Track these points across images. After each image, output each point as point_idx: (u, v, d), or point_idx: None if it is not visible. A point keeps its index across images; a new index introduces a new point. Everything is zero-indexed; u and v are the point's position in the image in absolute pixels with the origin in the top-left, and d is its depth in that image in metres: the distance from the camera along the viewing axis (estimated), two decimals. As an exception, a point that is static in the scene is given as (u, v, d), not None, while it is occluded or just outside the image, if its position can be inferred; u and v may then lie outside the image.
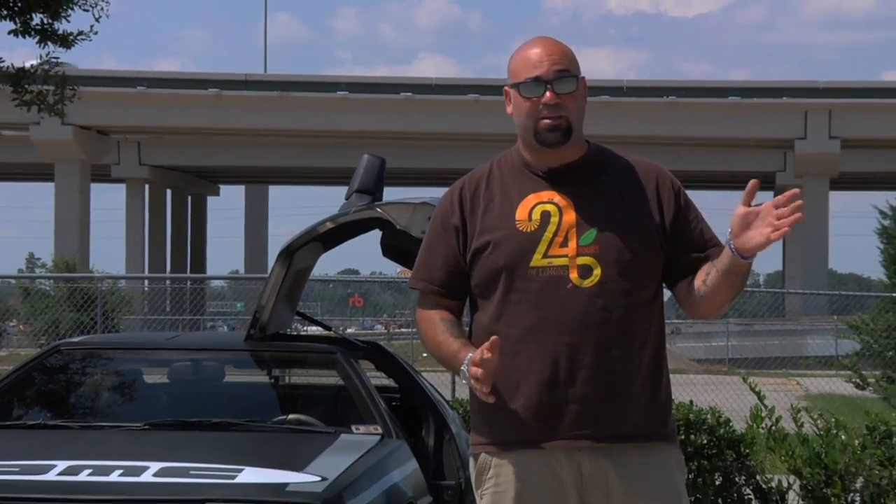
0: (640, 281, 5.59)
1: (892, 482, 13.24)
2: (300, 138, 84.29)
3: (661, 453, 5.59)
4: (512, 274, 5.54)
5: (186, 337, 15.33)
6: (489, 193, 5.69)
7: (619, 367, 5.52)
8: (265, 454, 9.44)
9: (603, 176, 5.66)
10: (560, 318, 5.49)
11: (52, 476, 9.01)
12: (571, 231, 5.53)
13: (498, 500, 5.60)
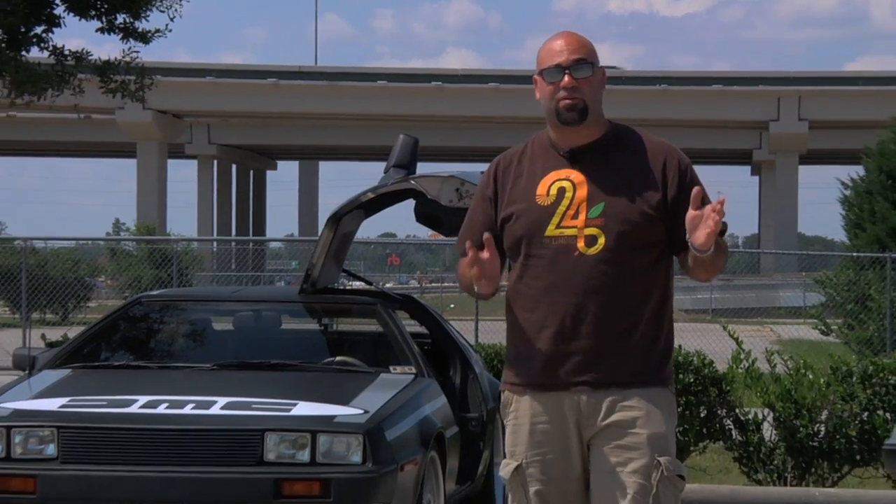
0: (640, 249, 5.60)
1: (852, 414, 13.23)
2: (346, 121, 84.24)
3: (653, 396, 5.61)
4: (530, 242, 5.60)
5: (248, 290, 15.35)
6: (519, 169, 5.73)
7: (619, 323, 5.57)
8: (316, 391, 9.46)
9: (617, 154, 5.68)
10: (568, 281, 5.54)
11: (135, 409, 9.05)
12: (582, 205, 5.57)
13: (516, 430, 5.67)
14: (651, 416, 5.58)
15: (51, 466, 8.81)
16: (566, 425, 5.60)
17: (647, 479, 5.51)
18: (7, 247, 46.96)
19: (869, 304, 32.70)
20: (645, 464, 5.52)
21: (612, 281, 5.55)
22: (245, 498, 8.69)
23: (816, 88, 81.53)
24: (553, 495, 5.61)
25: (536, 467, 5.61)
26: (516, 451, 5.66)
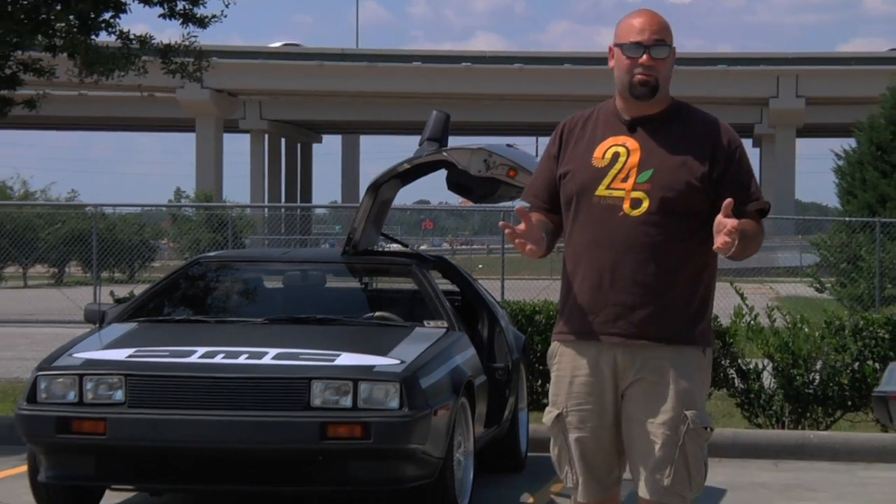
0: (682, 216, 5.58)
1: (844, 364, 13.21)
2: (383, 98, 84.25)
3: (683, 354, 5.60)
4: (580, 199, 5.60)
5: (296, 252, 15.38)
6: (582, 132, 5.72)
7: (653, 281, 5.54)
8: (357, 343, 9.48)
9: (672, 128, 5.67)
10: (610, 238, 5.53)
11: (194, 359, 9.08)
12: (633, 170, 5.56)
13: (558, 381, 5.69)
14: (680, 372, 5.58)
15: (118, 411, 8.86)
16: (603, 378, 5.59)
17: (675, 430, 5.53)
18: (79, 213, 47.12)
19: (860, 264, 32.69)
20: (673, 417, 5.53)
21: (651, 241, 5.54)
22: (293, 440, 8.72)
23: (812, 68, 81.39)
24: (589, 442, 5.60)
25: (575, 416, 5.61)
26: (557, 400, 5.68)
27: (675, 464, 5.53)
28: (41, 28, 13.04)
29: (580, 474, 5.65)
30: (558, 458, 5.73)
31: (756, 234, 5.66)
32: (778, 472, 11.78)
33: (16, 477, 10.34)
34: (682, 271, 5.61)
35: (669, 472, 5.53)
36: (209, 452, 8.83)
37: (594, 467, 5.63)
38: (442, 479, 9.08)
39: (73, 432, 8.88)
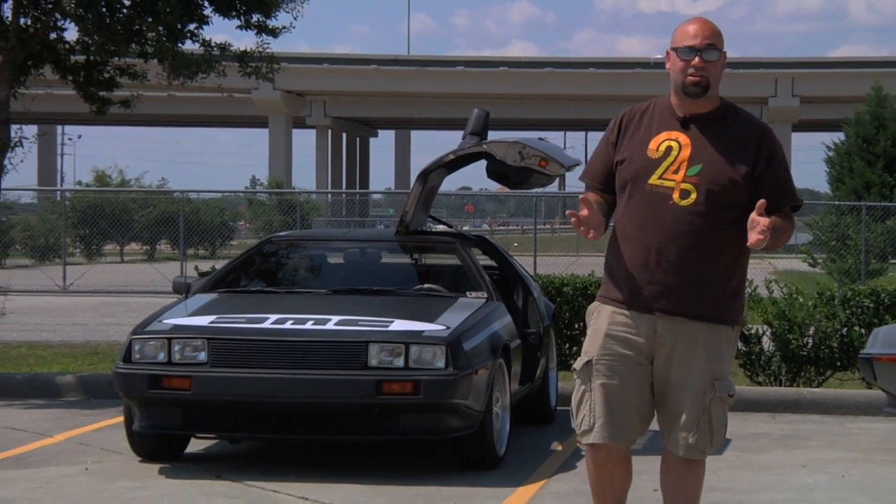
0: (723, 208, 5.57)
1: (833, 330, 13.16)
2: (431, 98, 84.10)
3: (717, 331, 5.62)
4: (635, 185, 5.60)
5: (355, 232, 15.38)
6: (640, 124, 5.72)
7: (695, 265, 5.55)
8: (408, 311, 9.47)
9: (722, 127, 5.67)
10: (659, 223, 5.55)
11: (267, 325, 9.11)
12: (683, 164, 5.57)
13: (594, 333, 5.66)
14: (711, 346, 5.60)
15: (202, 369, 8.90)
16: (638, 339, 5.58)
17: (703, 397, 5.55)
18: (168, 198, 47.29)
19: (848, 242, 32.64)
20: (702, 385, 5.55)
21: (696, 229, 5.54)
22: (352, 395, 8.73)
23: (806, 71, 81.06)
24: (613, 391, 5.56)
25: (604, 364, 5.58)
26: (590, 349, 5.65)
27: (700, 425, 5.57)
28: (135, 37, 13.07)
29: (598, 417, 5.60)
30: (578, 403, 5.68)
31: (786, 228, 5.68)
32: (775, 423, 11.76)
33: (114, 426, 10.39)
34: (721, 257, 5.61)
35: (695, 432, 5.56)
36: (280, 406, 8.87)
37: (613, 414, 5.57)
38: (482, 429, 9.07)
39: (163, 388, 8.94)
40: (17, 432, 10.81)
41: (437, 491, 8.44)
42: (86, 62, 13.58)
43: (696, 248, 5.56)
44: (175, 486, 8.64)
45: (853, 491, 8.76)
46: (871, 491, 8.77)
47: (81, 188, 57.81)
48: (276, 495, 8.32)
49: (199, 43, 13.62)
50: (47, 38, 13.32)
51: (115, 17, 12.93)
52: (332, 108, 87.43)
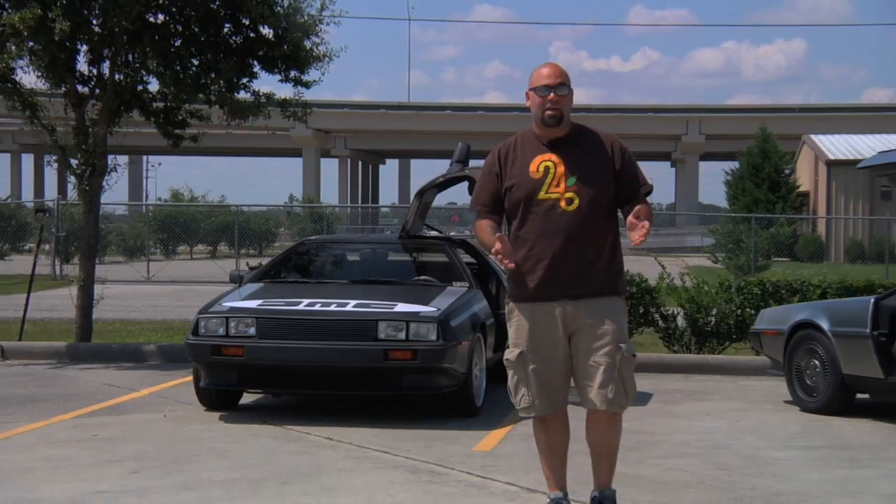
0: (601, 207, 5.47)
1: (730, 311, 13.19)
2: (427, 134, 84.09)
3: (612, 302, 5.51)
4: (528, 202, 5.46)
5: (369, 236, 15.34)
6: (514, 154, 5.59)
7: (588, 255, 5.44)
8: (409, 296, 9.46)
9: (581, 143, 5.54)
10: (554, 227, 5.41)
11: (301, 307, 9.10)
12: (562, 178, 5.43)
13: (519, 328, 5.54)
14: (612, 315, 5.48)
15: (252, 341, 8.90)
16: (555, 324, 5.46)
17: (613, 358, 5.42)
18: (226, 210, 47.38)
19: (741, 244, 32.81)
20: (611, 348, 5.43)
21: (584, 228, 5.42)
22: (366, 360, 8.73)
23: (710, 115, 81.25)
24: (543, 373, 5.47)
25: (532, 353, 5.48)
26: (519, 342, 5.52)
27: (615, 382, 5.42)
28: (201, 89, 13.09)
29: (536, 396, 5.49)
30: (515, 386, 5.55)
31: (650, 212, 5.52)
32: (687, 382, 11.77)
33: (185, 384, 10.40)
34: (604, 244, 5.51)
35: (612, 389, 5.42)
36: (311, 368, 8.85)
37: (548, 389, 5.49)
38: (465, 387, 9.10)
39: (223, 355, 8.95)
40: (113, 388, 10.86)
41: (430, 433, 8.45)
42: (164, 107, 13.61)
43: (586, 242, 5.45)
44: (232, 428, 8.65)
45: (745, 432, 8.78)
46: (758, 432, 8.79)
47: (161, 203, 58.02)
48: (308, 436, 8.32)
49: (251, 93, 13.65)
50: (135, 89, 13.35)
51: (187, 73, 12.97)
52: (351, 142, 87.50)
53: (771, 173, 50.67)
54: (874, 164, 10.94)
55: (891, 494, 6.63)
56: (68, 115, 13.43)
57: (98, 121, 13.23)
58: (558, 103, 5.46)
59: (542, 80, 5.50)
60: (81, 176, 13.26)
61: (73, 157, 13.33)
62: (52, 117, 13.50)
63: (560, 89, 5.46)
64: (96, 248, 14.27)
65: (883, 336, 9.44)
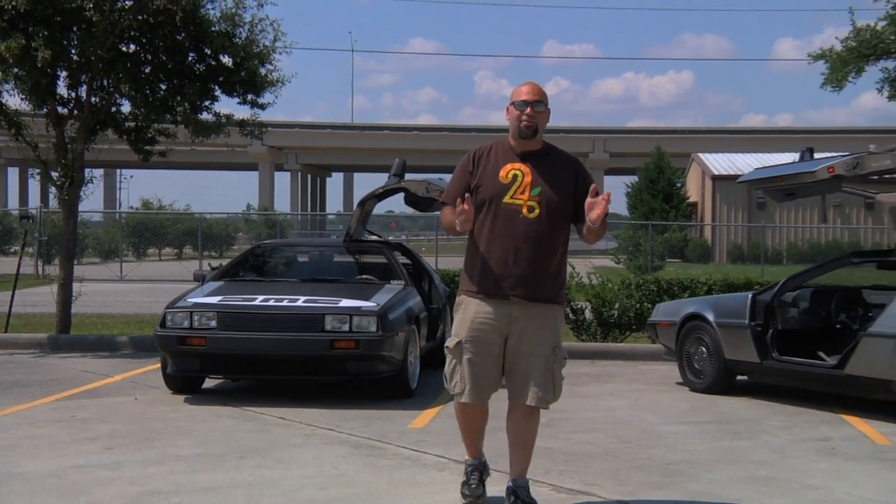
0: (558, 219, 5.33)
1: (631, 305, 13.29)
2: (367, 151, 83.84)
3: (555, 310, 5.36)
4: (492, 204, 5.29)
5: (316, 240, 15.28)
6: (488, 159, 5.40)
7: (541, 261, 5.28)
8: (352, 293, 9.42)
9: (549, 159, 5.42)
10: (513, 231, 5.25)
11: (257, 302, 9.01)
12: (527, 187, 5.29)
13: (463, 319, 5.35)
14: (553, 322, 5.35)
15: (213, 333, 8.81)
16: (499, 322, 5.28)
17: (548, 360, 5.27)
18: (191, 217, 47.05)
19: (640, 247, 33.06)
20: (548, 351, 5.28)
21: (540, 235, 5.27)
22: (314, 349, 8.68)
23: (612, 136, 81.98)
24: (477, 364, 5.27)
25: (470, 344, 5.30)
26: (460, 332, 5.35)
27: (546, 382, 5.27)
28: (168, 111, 13.00)
29: (467, 384, 5.28)
30: (451, 372, 5.35)
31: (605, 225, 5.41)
32: (593, 366, 11.84)
33: (154, 370, 10.30)
34: (556, 254, 5.35)
35: (542, 388, 5.26)
36: (266, 356, 8.77)
37: (479, 379, 5.29)
38: (401, 372, 9.07)
39: (187, 345, 8.85)
40: (89, 374, 10.71)
41: (370, 412, 8.42)
42: (135, 127, 13.51)
43: (541, 249, 5.29)
44: (195, 409, 8.56)
45: (643, 409, 8.84)
46: (654, 409, 8.86)
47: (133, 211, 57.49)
48: (263, 416, 8.26)
49: (212, 114, 13.58)
50: (109, 110, 13.28)
51: (156, 96, 12.90)
52: (301, 157, 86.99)
53: (665, 186, 51.28)
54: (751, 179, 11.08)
55: (764, 461, 6.73)
56: (49, 133, 13.35)
57: (76, 138, 13.16)
58: (534, 118, 5.32)
59: (521, 95, 5.37)
60: (61, 187, 13.19)
61: (54, 171, 13.26)
62: (35, 135, 13.46)
63: (536, 106, 5.34)
64: (74, 250, 14.16)
65: (759, 326, 9.58)
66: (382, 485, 5.99)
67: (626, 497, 5.73)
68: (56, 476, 6.17)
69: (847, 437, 7.63)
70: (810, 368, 9.07)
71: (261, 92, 13.51)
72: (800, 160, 9.35)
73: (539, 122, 5.34)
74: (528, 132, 5.32)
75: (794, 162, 9.40)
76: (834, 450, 7.16)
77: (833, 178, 8.70)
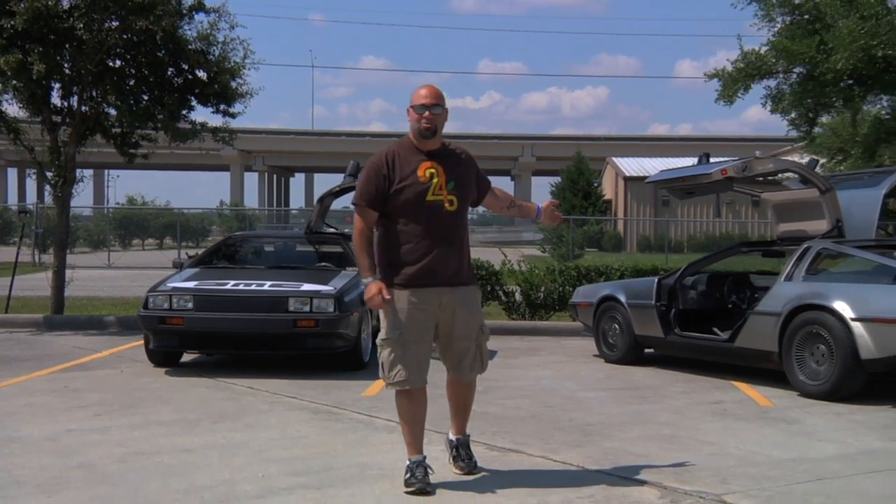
0: (467, 206, 5.15)
1: (555, 288, 13.34)
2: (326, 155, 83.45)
3: (474, 290, 5.17)
4: (416, 202, 4.98)
5: (281, 232, 15.13)
6: (400, 160, 5.06)
7: (462, 248, 5.09)
8: (312, 278, 9.35)
9: (450, 156, 5.14)
10: (439, 224, 4.99)
11: (228, 286, 8.93)
12: (444, 182, 5.01)
13: (399, 310, 5.00)
14: (476, 302, 5.18)
15: (190, 313, 8.73)
16: (431, 309, 5.01)
17: (476, 337, 5.11)
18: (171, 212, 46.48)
19: (563, 238, 33.20)
20: (475, 329, 5.11)
21: (460, 225, 5.08)
22: (280, 328, 8.62)
23: (539, 142, 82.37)
24: (419, 351, 4.97)
25: (411, 334, 4.97)
26: (398, 323, 4.99)
27: (476, 357, 5.13)
28: (150, 118, 12.87)
29: (410, 372, 4.94)
30: (391, 363, 4.97)
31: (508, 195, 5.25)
32: (522, 341, 11.89)
33: (138, 347, 10.18)
34: (467, 240, 5.21)
35: (475, 363, 5.14)
36: (236, 334, 8.69)
37: (420, 367, 5.00)
38: (355, 347, 9.04)
39: (167, 324, 8.76)
40: (81, 350, 10.55)
41: (328, 382, 8.39)
42: (121, 132, 13.36)
43: (460, 238, 5.09)
44: (174, 381, 8.47)
45: (565, 378, 8.90)
46: (574, 378, 8.92)
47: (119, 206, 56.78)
48: (234, 386, 8.19)
49: (189, 122, 13.47)
50: (98, 118, 13.12)
51: (139, 106, 12.79)
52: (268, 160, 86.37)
53: (584, 186, 51.69)
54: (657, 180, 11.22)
55: (667, 422, 6.80)
56: (44, 138, 13.22)
57: (68, 142, 13.03)
58: (433, 120, 5.05)
59: (419, 99, 5.10)
60: (55, 185, 13.11)
61: (49, 171, 13.13)
62: (32, 139, 13.32)
63: (434, 108, 5.07)
64: (67, 241, 14.00)
65: (663, 306, 9.68)
66: (339, 445, 5.97)
67: (549, 454, 5.76)
68: (51, 439, 6.08)
69: (736, 401, 7.74)
70: (706, 342, 9.19)
71: (232, 103, 13.41)
72: (698, 164, 9.46)
73: (437, 123, 5.07)
74: (429, 133, 5.05)
75: (694, 165, 9.50)
76: (725, 411, 7.26)
77: (726, 179, 8.81)
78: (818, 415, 7.13)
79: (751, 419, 6.96)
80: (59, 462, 5.49)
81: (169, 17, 12.12)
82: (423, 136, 5.05)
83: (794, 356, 8.04)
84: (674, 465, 5.43)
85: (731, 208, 50.79)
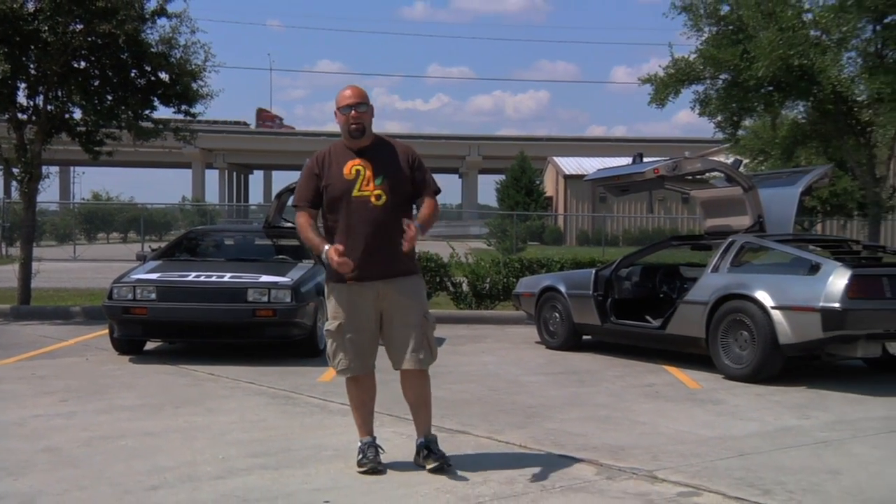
0: (401, 200, 4.92)
1: (499, 279, 13.38)
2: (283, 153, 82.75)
3: (415, 279, 4.98)
4: (344, 199, 4.84)
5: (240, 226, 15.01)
6: (330, 160, 4.94)
7: (393, 241, 4.79)
8: (271, 270, 9.29)
9: (382, 150, 4.96)
10: (367, 219, 4.83)
11: (190, 278, 8.84)
12: (371, 179, 4.85)
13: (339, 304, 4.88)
14: (417, 291, 4.98)
15: (153, 303, 8.63)
16: (369, 302, 4.87)
17: (420, 325, 4.89)
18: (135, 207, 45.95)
19: (507, 233, 33.34)
20: (419, 319, 4.90)
21: (390, 219, 4.84)
22: (239, 317, 8.56)
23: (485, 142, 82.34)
24: (357, 341, 4.87)
25: (350, 324, 4.87)
26: (338, 316, 4.89)
27: (423, 345, 4.89)
28: (115, 118, 12.70)
29: (352, 360, 4.86)
30: (334, 352, 4.88)
31: (435, 210, 4.96)
32: (469, 329, 11.92)
33: (103, 336, 10.02)
34: (401, 231, 4.80)
35: (422, 351, 4.90)
36: (197, 323, 8.61)
37: (362, 354, 4.90)
38: (311, 336, 8.98)
39: (131, 314, 8.66)
40: (47, 338, 10.37)
41: (285, 369, 8.35)
42: (86, 131, 13.16)
43: (392, 230, 4.81)
44: (138, 368, 8.36)
45: (509, 364, 8.94)
46: (517, 363, 8.97)
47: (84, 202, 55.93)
48: (195, 372, 8.11)
49: (151, 121, 13.30)
50: (63, 117, 12.93)
51: (103, 106, 12.62)
52: (228, 157, 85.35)
53: (527, 183, 51.91)
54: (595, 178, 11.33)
55: (603, 404, 6.87)
56: (11, 136, 12.99)
57: (34, 140, 12.80)
58: (360, 119, 4.89)
59: (345, 100, 4.94)
60: (22, 181, 12.90)
61: (15, 167, 12.91)
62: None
63: (359, 107, 4.91)
64: (34, 235, 13.76)
65: (600, 296, 9.77)
66: (296, 428, 5.94)
67: (494, 435, 5.79)
68: (19, 424, 5.97)
69: (667, 384, 7.84)
70: (640, 329, 9.29)
71: (193, 103, 13.26)
72: (632, 163, 9.55)
73: (365, 121, 4.92)
74: (357, 133, 4.91)
75: (628, 165, 9.59)
76: (657, 394, 7.35)
77: (658, 177, 8.91)
78: (741, 396, 7.25)
79: (680, 400, 7.05)
80: (26, 446, 5.39)
81: (132, 21, 11.96)
82: (352, 135, 4.91)
83: (719, 342, 8.17)
84: (609, 444, 5.49)
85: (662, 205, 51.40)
